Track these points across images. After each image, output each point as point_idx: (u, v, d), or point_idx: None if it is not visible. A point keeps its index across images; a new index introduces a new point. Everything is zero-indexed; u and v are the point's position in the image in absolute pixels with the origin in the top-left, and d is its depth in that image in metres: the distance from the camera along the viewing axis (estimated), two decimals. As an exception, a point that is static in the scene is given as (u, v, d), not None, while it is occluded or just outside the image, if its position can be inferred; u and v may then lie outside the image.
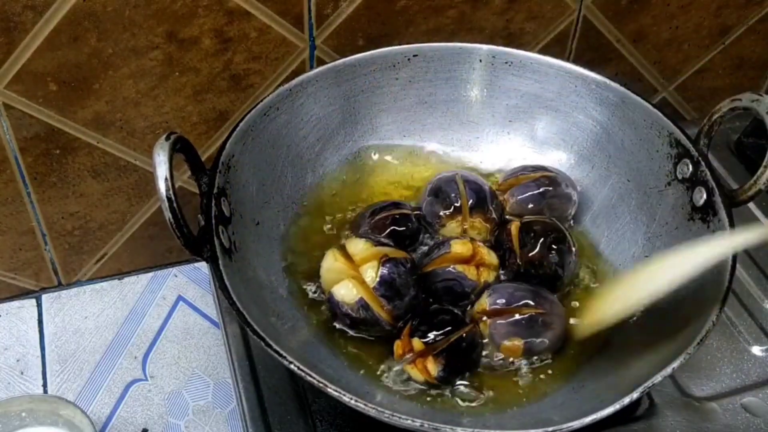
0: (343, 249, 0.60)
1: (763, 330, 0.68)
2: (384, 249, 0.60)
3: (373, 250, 0.60)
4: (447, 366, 0.56)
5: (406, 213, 0.66)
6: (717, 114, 0.61)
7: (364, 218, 0.66)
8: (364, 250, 0.60)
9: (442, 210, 0.66)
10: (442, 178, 0.68)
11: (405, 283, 0.59)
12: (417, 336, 0.57)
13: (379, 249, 0.60)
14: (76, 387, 0.71)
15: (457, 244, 0.62)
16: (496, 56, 0.70)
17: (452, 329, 0.58)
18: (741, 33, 0.85)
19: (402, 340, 0.58)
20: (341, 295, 0.58)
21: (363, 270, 0.59)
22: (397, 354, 0.58)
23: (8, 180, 0.68)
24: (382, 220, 0.65)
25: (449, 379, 0.57)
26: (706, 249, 0.55)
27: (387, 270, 0.58)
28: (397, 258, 0.60)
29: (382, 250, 0.60)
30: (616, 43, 0.82)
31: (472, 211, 0.65)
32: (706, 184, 0.60)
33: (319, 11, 0.69)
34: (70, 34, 0.62)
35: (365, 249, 0.60)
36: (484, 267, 0.62)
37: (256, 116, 0.63)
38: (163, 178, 0.51)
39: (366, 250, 0.60)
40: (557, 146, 0.71)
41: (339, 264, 0.60)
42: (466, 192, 0.66)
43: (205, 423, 0.70)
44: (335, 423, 0.59)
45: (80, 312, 0.76)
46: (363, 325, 0.59)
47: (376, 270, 0.58)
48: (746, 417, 0.62)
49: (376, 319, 0.58)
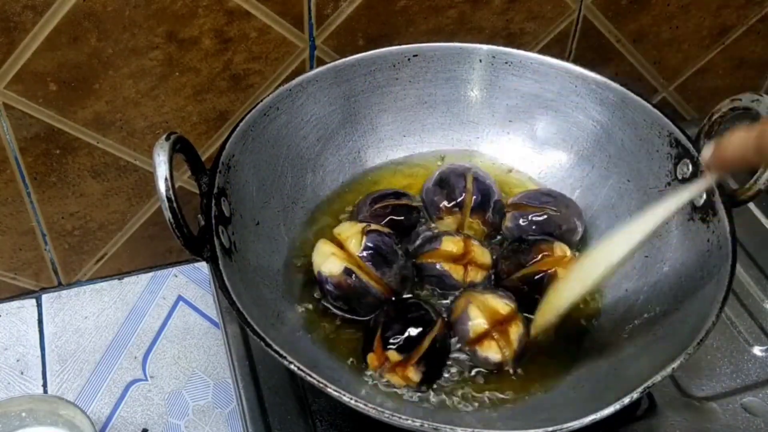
0: (331, 234, 0.62)
1: (763, 330, 0.68)
2: (369, 225, 0.62)
3: (358, 226, 0.61)
4: (427, 371, 0.56)
5: (405, 204, 0.66)
6: (717, 114, 0.61)
7: (364, 205, 0.66)
8: (348, 228, 0.61)
9: (444, 201, 0.66)
10: (454, 169, 0.68)
11: (392, 251, 0.60)
12: (390, 347, 0.56)
13: (364, 224, 0.61)
14: (76, 387, 0.71)
15: (449, 241, 0.62)
16: (496, 56, 0.70)
17: (423, 331, 0.57)
18: (741, 33, 0.85)
19: (375, 353, 0.57)
20: (328, 269, 0.59)
21: (348, 243, 0.60)
22: (372, 365, 0.57)
23: (8, 180, 0.68)
24: (382, 208, 0.65)
25: (431, 380, 0.57)
26: (652, 214, 0.56)
27: (371, 239, 0.60)
28: (381, 230, 0.61)
29: (367, 225, 0.61)
30: (616, 43, 0.82)
31: (473, 211, 0.65)
32: (706, 184, 0.60)
33: (319, 11, 0.69)
34: (70, 34, 0.62)
35: (350, 227, 0.62)
36: (473, 266, 0.62)
37: (256, 116, 0.63)
38: (163, 178, 0.51)
39: (351, 227, 0.62)
40: (557, 146, 0.71)
41: (327, 246, 0.61)
42: (474, 189, 0.66)
43: (205, 423, 0.70)
44: (335, 423, 0.59)
45: (80, 312, 0.76)
46: (354, 296, 0.59)
47: (359, 240, 0.59)
48: (746, 417, 0.62)
49: (365, 286, 0.58)
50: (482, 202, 0.66)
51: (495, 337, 0.58)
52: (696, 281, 0.58)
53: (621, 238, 0.56)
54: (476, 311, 0.58)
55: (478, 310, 0.58)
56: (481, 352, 0.58)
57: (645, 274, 0.63)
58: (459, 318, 0.59)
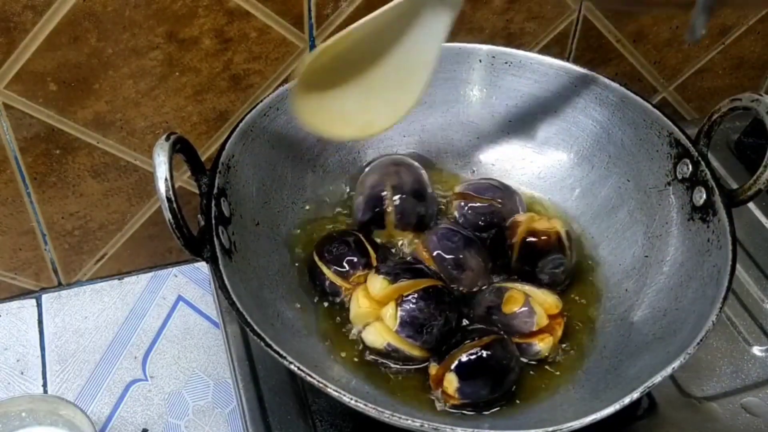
0: (365, 290, 0.60)
1: (763, 330, 0.68)
2: (401, 284, 0.58)
3: (390, 289, 0.58)
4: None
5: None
6: (717, 114, 0.61)
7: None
8: (381, 290, 0.58)
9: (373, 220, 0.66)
10: (373, 187, 0.66)
11: (429, 316, 0.57)
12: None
13: (396, 286, 0.58)
14: (76, 387, 0.71)
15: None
16: (496, 56, 0.70)
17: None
18: (741, 33, 0.85)
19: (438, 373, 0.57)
20: (370, 341, 0.59)
21: (383, 314, 0.58)
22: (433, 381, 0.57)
23: (8, 180, 0.68)
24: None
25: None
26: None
27: (405, 311, 0.57)
28: (415, 292, 0.58)
29: (398, 288, 0.58)
30: (616, 43, 0.82)
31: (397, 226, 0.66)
32: (706, 184, 0.60)
33: (319, 11, 0.69)
34: (70, 34, 0.62)
35: (382, 288, 0.58)
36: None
37: (256, 116, 0.63)
38: (163, 179, 0.51)
39: (383, 289, 0.58)
40: (557, 146, 0.71)
41: (363, 309, 0.59)
42: (394, 208, 0.65)
43: (205, 423, 0.70)
44: (335, 423, 0.59)
45: (80, 312, 0.76)
46: (399, 362, 0.59)
47: (395, 313, 0.57)
48: (746, 417, 0.62)
49: (409, 357, 0.58)
50: (403, 215, 0.65)
51: (551, 331, 0.59)
52: (696, 281, 0.58)
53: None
54: (539, 308, 0.59)
55: (539, 306, 0.59)
56: (538, 345, 0.59)
57: (645, 274, 0.63)
58: (518, 312, 0.59)
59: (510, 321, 0.59)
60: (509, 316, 0.59)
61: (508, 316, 0.59)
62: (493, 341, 0.56)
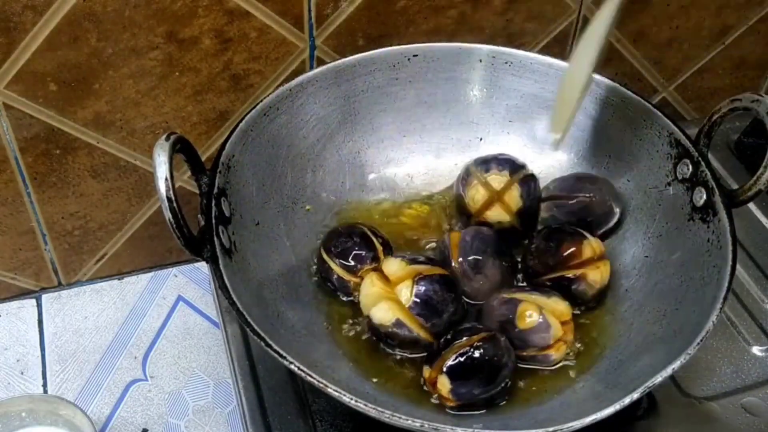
0: (379, 271, 0.60)
1: (763, 330, 0.68)
2: (419, 267, 0.59)
3: (408, 268, 0.59)
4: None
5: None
6: (717, 114, 0.61)
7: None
8: (398, 270, 0.59)
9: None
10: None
11: (442, 300, 0.58)
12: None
13: (414, 267, 0.59)
14: (76, 387, 0.71)
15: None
16: (496, 56, 0.70)
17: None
18: (741, 33, 0.85)
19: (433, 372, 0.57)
20: (378, 317, 0.58)
21: (398, 290, 0.58)
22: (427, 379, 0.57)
23: (8, 180, 0.68)
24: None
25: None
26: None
27: (422, 288, 0.58)
28: (432, 275, 0.59)
29: (416, 269, 0.59)
30: (616, 43, 0.82)
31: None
32: (706, 184, 0.60)
33: (319, 11, 0.69)
34: (70, 34, 0.62)
35: (400, 269, 0.59)
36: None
37: (256, 116, 0.63)
38: (163, 178, 0.51)
39: (401, 269, 0.59)
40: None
41: (376, 288, 0.59)
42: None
43: (205, 423, 0.70)
44: (335, 423, 0.59)
45: (80, 312, 0.76)
46: (403, 344, 0.59)
47: (410, 289, 0.58)
48: (746, 417, 0.62)
49: (415, 338, 0.58)
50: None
51: (564, 339, 0.59)
52: (696, 281, 0.58)
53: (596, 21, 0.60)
54: (553, 319, 0.58)
55: (554, 317, 0.58)
56: (553, 354, 0.58)
57: (645, 274, 0.63)
58: (535, 327, 0.58)
59: (527, 337, 0.58)
60: (526, 333, 0.58)
61: (524, 332, 0.58)
62: (482, 339, 0.56)
